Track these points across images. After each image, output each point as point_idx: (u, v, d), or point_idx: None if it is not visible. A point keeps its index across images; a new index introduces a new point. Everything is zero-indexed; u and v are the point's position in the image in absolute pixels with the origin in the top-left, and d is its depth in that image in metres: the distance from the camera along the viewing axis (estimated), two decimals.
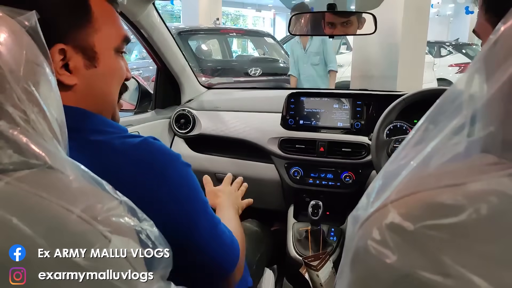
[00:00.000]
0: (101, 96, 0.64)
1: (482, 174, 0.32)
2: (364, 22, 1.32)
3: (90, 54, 0.60)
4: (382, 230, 0.34)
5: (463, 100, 0.34)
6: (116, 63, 0.65)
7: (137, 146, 0.60)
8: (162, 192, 0.59)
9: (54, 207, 0.40)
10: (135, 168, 0.58)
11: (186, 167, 0.64)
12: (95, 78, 0.62)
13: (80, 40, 0.59)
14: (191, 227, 0.62)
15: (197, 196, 0.64)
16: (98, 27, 0.61)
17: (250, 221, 1.45)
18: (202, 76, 3.87)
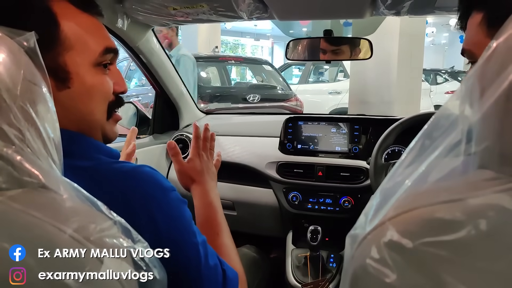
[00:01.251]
0: (80, 117, 0.60)
1: (480, 190, 0.32)
2: (359, 52, 1.34)
3: (61, 75, 0.56)
4: (380, 248, 0.33)
5: (458, 115, 0.34)
6: (95, 79, 0.60)
7: (126, 174, 0.56)
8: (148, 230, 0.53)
9: (46, 227, 0.39)
10: (122, 199, 0.54)
11: (179, 203, 0.60)
12: (70, 99, 0.57)
13: (49, 62, 0.52)
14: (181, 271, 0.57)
15: (185, 238, 0.58)
16: (69, 44, 0.57)
17: (248, 247, 1.42)
18: (201, 102, 3.91)
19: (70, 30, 0.57)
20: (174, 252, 0.54)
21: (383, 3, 0.93)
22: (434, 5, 0.94)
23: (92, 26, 0.61)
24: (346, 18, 1.16)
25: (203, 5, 1.08)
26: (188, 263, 0.58)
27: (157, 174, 0.59)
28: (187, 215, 0.61)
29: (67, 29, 0.57)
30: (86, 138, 0.60)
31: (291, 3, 1.05)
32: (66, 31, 0.57)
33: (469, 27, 0.57)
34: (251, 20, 1.16)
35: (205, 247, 0.61)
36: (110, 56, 0.62)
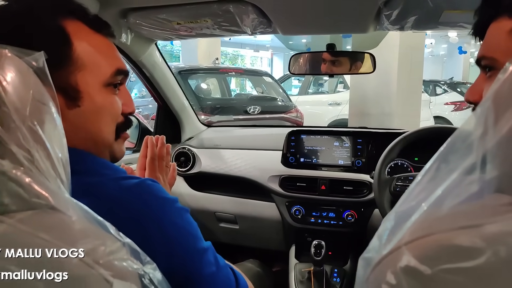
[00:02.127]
0: (88, 136, 0.60)
1: (498, 215, 0.31)
2: (353, 62, 1.35)
3: (71, 94, 0.57)
4: (397, 273, 0.33)
5: (474, 139, 0.34)
6: (104, 99, 0.61)
7: (131, 189, 0.57)
8: (155, 241, 0.55)
9: (55, 249, 0.39)
10: (128, 213, 0.55)
11: (183, 212, 0.61)
12: (80, 118, 0.58)
13: (59, 81, 0.54)
14: (187, 279, 0.58)
15: (193, 245, 0.60)
16: (81, 64, 0.58)
17: (251, 261, 1.41)
18: (202, 114, 3.91)
19: (82, 50, 0.58)
20: (187, 259, 0.58)
21: (387, 19, 0.94)
22: (438, 21, 0.95)
23: (104, 47, 0.62)
24: (350, 33, 1.17)
25: (207, 20, 1.09)
26: (200, 267, 0.59)
27: (160, 187, 0.60)
28: (193, 223, 0.62)
29: (79, 49, 0.58)
30: (92, 156, 0.61)
31: (295, 18, 1.05)
32: (79, 51, 0.58)
33: (494, 33, 0.55)
34: (255, 34, 1.16)
35: (213, 250, 0.63)
36: (120, 77, 0.64)
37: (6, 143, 0.41)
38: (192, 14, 1.06)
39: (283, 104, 4.81)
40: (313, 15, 1.03)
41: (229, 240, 1.68)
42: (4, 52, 0.45)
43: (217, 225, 1.65)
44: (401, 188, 1.20)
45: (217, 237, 1.67)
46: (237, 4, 0.99)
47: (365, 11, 0.96)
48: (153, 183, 0.60)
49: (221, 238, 1.67)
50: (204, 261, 0.60)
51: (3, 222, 0.39)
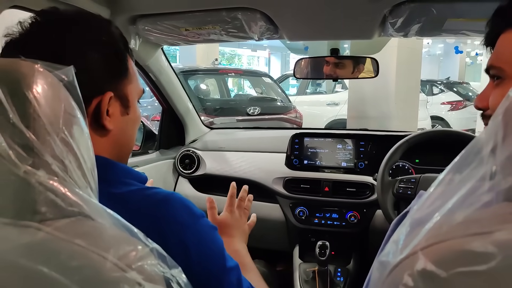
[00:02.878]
0: (127, 142, 0.69)
1: (508, 223, 0.34)
2: (355, 66, 1.38)
3: (125, 102, 0.66)
4: (414, 276, 0.35)
5: (485, 153, 0.37)
6: (139, 112, 0.71)
7: (159, 202, 0.59)
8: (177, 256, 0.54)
9: (91, 255, 0.41)
10: (155, 227, 0.57)
11: (210, 229, 0.62)
12: (126, 125, 0.67)
13: (120, 90, 0.65)
14: None
15: (217, 264, 0.61)
16: (130, 79, 0.67)
17: (257, 261, 1.43)
18: (202, 115, 3.93)
19: (130, 67, 0.68)
20: (206, 277, 0.57)
21: (392, 26, 0.96)
22: (441, 28, 0.98)
23: (136, 70, 0.71)
24: (355, 39, 1.20)
25: (216, 26, 1.11)
26: (219, 286, 0.60)
27: (188, 202, 0.62)
28: (219, 240, 0.63)
29: (130, 66, 0.67)
30: (119, 164, 0.64)
31: (302, 25, 1.08)
32: (130, 68, 0.67)
33: (502, 44, 0.56)
34: (261, 40, 1.19)
35: (238, 272, 0.64)
36: None
37: (42, 155, 0.43)
38: (201, 21, 1.09)
39: (283, 104, 4.83)
40: (319, 22, 1.05)
41: None
42: (36, 67, 0.47)
43: None
44: (403, 190, 1.23)
45: None
46: (245, 11, 1.01)
47: (370, 19, 0.98)
48: (182, 198, 0.62)
49: None
50: (226, 281, 0.61)
51: (41, 230, 0.41)
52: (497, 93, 0.58)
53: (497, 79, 0.58)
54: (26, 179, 0.41)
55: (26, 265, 0.39)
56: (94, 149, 0.56)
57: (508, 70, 0.55)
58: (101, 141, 0.62)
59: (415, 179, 1.23)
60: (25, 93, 0.43)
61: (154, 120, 3.78)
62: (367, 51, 1.55)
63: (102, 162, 0.60)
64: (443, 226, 0.37)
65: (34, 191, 0.42)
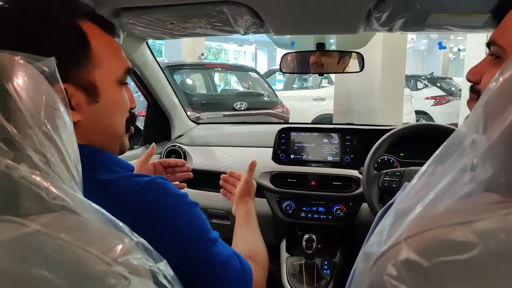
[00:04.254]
0: (105, 130, 0.65)
1: (489, 212, 0.35)
2: (353, 65, 1.39)
3: (91, 90, 0.61)
4: (397, 266, 0.36)
5: (466, 145, 0.37)
6: (118, 95, 0.65)
7: (144, 187, 0.61)
8: (168, 236, 0.59)
9: (75, 250, 0.41)
10: (141, 210, 0.59)
11: (193, 207, 0.65)
12: (98, 113, 0.62)
13: (80, 78, 0.59)
14: (198, 269, 0.62)
15: (204, 237, 0.65)
16: (98, 62, 0.61)
17: None
18: (188, 110, 3.90)
19: (98, 49, 0.62)
20: (198, 249, 0.62)
21: (377, 21, 0.97)
22: (425, 23, 0.99)
23: (115, 47, 0.66)
24: (340, 33, 1.20)
25: (201, 20, 1.10)
26: (211, 257, 0.64)
27: (171, 184, 0.64)
28: (202, 216, 0.67)
29: (96, 48, 0.61)
30: (106, 153, 0.64)
31: (287, 19, 1.08)
32: (95, 50, 0.61)
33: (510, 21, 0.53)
34: (247, 34, 1.18)
35: (221, 241, 0.69)
36: (128, 75, 0.68)
37: (23, 148, 0.42)
38: (186, 15, 1.07)
39: (269, 99, 4.83)
40: (304, 16, 1.05)
41: (221, 235, 1.70)
42: (16, 59, 0.46)
43: (209, 221, 1.67)
44: (388, 183, 1.25)
45: None
46: (231, 5, 1.00)
47: (355, 13, 0.99)
48: (165, 181, 0.63)
49: None
50: (214, 251, 0.65)
51: (25, 225, 0.40)
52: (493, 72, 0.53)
53: (496, 58, 0.55)
54: (8, 174, 0.40)
55: (10, 261, 0.38)
56: None
57: (509, 50, 0.52)
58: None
59: (400, 172, 1.25)
60: (5, 86, 0.42)
61: (140, 115, 3.74)
62: (352, 46, 1.56)
63: (87, 150, 0.59)
64: (426, 217, 0.37)
65: (16, 186, 0.41)
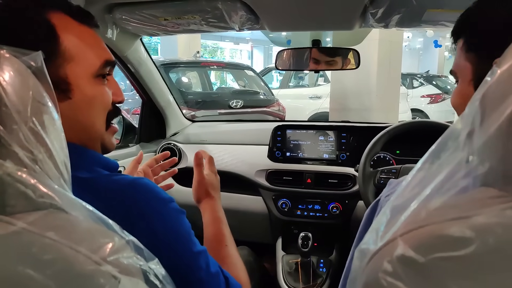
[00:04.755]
0: (81, 128, 0.60)
1: (486, 207, 0.34)
2: (349, 62, 1.38)
3: (62, 86, 0.57)
4: (393, 262, 0.35)
5: (463, 139, 0.37)
6: (95, 90, 0.61)
7: (126, 187, 0.57)
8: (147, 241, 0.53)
9: (63, 249, 0.39)
10: (121, 211, 0.55)
11: (178, 214, 0.61)
12: (71, 110, 0.58)
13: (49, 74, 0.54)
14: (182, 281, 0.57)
15: (184, 248, 0.59)
16: (69, 56, 0.58)
17: (241, 248, 1.42)
18: (184, 108, 3.89)
19: (69, 42, 0.58)
20: (174, 262, 0.56)
21: (373, 16, 0.97)
22: (420, 19, 0.98)
23: (91, 38, 0.62)
24: (336, 29, 1.19)
25: (195, 16, 1.09)
26: (189, 272, 0.59)
27: (155, 186, 0.60)
28: (186, 225, 0.62)
29: (66, 41, 0.57)
30: (86, 150, 0.61)
31: (282, 15, 1.07)
32: (66, 43, 0.57)
33: (457, 51, 0.64)
34: (242, 30, 1.17)
35: (206, 256, 0.63)
36: (108, 68, 0.64)
37: (9, 145, 0.41)
38: (180, 11, 1.06)
39: (265, 98, 4.82)
40: (300, 12, 1.05)
41: None
42: (2, 53, 0.45)
43: None
44: (384, 181, 1.24)
45: None
46: (225, 1, 1.00)
47: (351, 9, 0.98)
48: (150, 182, 0.60)
49: None
50: (194, 266, 0.60)
51: (11, 223, 0.39)
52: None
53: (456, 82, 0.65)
54: None
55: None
56: None
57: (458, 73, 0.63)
58: None
59: (396, 170, 1.24)
60: None
61: (135, 113, 3.72)
62: (348, 43, 1.55)
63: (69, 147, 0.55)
64: (422, 212, 0.37)
65: (2, 183, 0.40)
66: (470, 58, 0.59)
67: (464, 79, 0.61)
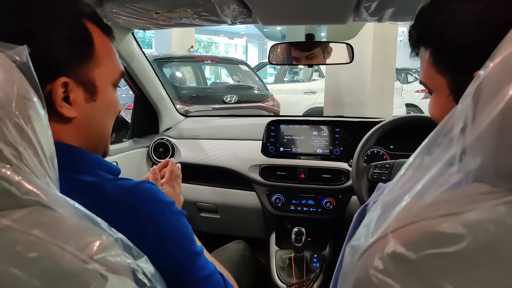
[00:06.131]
0: (97, 130, 0.65)
1: (477, 203, 0.34)
2: (330, 51, 1.37)
3: (90, 88, 0.61)
4: (384, 259, 0.35)
5: (455, 134, 0.36)
6: (113, 97, 0.67)
7: (129, 191, 0.59)
8: (150, 241, 0.57)
9: (49, 247, 0.39)
10: (124, 215, 0.57)
11: (179, 215, 0.63)
12: (93, 112, 0.63)
13: (82, 75, 0.60)
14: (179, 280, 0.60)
15: (188, 248, 0.62)
16: (99, 62, 0.62)
17: (238, 242, 1.41)
18: (178, 103, 3.87)
19: (100, 50, 0.63)
20: (180, 261, 0.60)
21: (366, 10, 0.96)
22: (415, 13, 0.97)
23: (112, 50, 0.67)
24: (329, 23, 1.18)
25: (187, 9, 1.08)
26: (194, 271, 0.62)
27: (159, 190, 0.62)
28: (188, 226, 0.65)
29: (98, 48, 0.62)
30: (90, 154, 0.63)
31: (275, 8, 1.06)
32: (98, 50, 0.62)
33: (421, 61, 0.58)
34: (235, 24, 1.16)
35: (203, 255, 0.66)
36: (120, 79, 0.69)
37: None
38: (171, 4, 1.05)
39: (260, 93, 4.81)
40: (292, 6, 1.03)
41: (210, 229, 1.69)
42: None
43: (198, 215, 1.66)
44: (378, 176, 1.24)
45: (198, 227, 1.68)
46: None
47: (344, 3, 0.97)
48: (152, 186, 0.61)
49: (202, 227, 1.69)
50: (197, 265, 0.63)
51: None
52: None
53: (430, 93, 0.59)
54: None
55: None
56: (60, 137, 0.58)
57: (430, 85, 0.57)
58: (65, 128, 0.59)
59: (389, 165, 1.24)
60: None
61: (129, 108, 3.69)
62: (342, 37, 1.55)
63: (71, 150, 0.59)
64: (413, 208, 0.36)
65: None
66: (442, 70, 0.53)
67: (440, 93, 0.55)
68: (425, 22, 0.56)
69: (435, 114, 0.58)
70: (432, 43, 0.54)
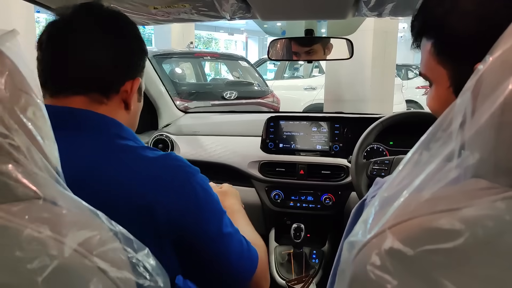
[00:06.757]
0: (136, 123, 0.80)
1: (476, 199, 0.34)
2: (330, 47, 1.37)
3: (140, 91, 0.78)
4: (381, 255, 0.35)
5: (454, 129, 0.36)
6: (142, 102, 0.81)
7: (160, 158, 0.67)
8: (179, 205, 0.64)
9: (47, 241, 0.39)
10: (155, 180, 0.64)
11: (205, 181, 0.71)
12: (138, 109, 0.79)
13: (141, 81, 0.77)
14: (208, 239, 0.67)
15: (215, 207, 0.70)
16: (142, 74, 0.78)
17: None
18: (177, 99, 3.86)
19: None
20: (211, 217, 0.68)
21: (366, 5, 0.95)
22: (414, 7, 0.97)
23: None
24: (329, 18, 1.18)
25: (185, 4, 1.07)
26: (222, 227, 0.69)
27: (184, 160, 0.71)
28: (210, 189, 0.72)
29: None
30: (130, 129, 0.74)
31: (274, 3, 1.05)
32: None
33: (422, 52, 0.57)
34: (234, 20, 1.16)
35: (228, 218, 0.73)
36: None
37: None
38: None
39: (260, 89, 4.80)
40: (291, 1, 1.03)
41: None
42: None
43: None
44: (377, 172, 1.24)
45: None
46: None
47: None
48: (178, 156, 0.70)
49: None
50: (224, 222, 0.70)
51: None
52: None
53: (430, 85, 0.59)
54: None
55: None
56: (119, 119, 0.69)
57: (431, 77, 0.57)
58: (124, 114, 0.73)
59: (389, 161, 1.24)
60: None
61: None
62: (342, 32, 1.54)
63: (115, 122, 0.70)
64: (411, 204, 0.36)
65: None
66: (443, 61, 0.53)
67: (440, 85, 0.55)
68: (428, 12, 0.55)
69: (433, 107, 0.58)
70: (434, 33, 0.54)
